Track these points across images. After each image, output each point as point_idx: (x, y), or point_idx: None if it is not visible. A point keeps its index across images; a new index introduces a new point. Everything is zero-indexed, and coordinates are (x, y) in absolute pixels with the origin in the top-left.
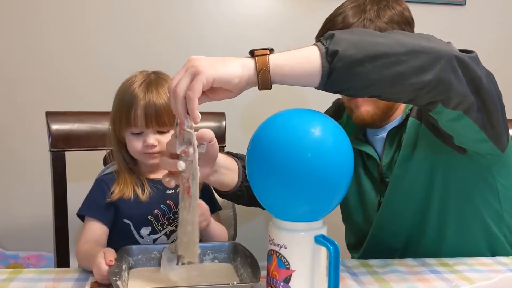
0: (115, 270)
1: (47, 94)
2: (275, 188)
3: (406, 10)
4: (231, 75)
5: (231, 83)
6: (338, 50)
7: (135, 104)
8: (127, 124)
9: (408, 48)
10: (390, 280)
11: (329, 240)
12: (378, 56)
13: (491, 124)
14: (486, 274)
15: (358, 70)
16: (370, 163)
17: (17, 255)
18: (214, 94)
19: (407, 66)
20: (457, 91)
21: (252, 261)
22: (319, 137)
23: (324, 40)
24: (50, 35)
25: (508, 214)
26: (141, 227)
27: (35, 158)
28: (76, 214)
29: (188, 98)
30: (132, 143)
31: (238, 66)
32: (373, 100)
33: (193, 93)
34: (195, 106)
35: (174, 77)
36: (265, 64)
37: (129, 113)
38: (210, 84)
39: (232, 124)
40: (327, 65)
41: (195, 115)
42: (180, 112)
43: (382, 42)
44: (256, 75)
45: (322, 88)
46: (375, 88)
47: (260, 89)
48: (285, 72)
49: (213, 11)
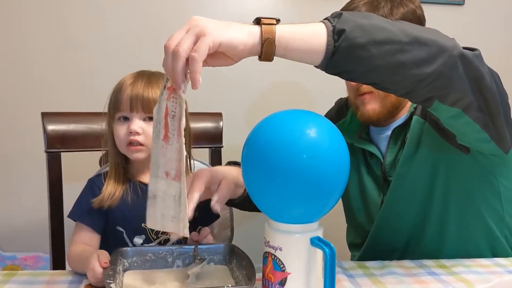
0: (109, 273)
1: (43, 95)
2: (270, 189)
3: (418, 8)
4: (238, 41)
5: (237, 49)
6: (345, 29)
7: (123, 88)
8: (115, 109)
9: (413, 39)
10: (387, 282)
11: (324, 242)
12: (383, 42)
13: (494, 124)
14: (484, 276)
15: (362, 53)
16: (373, 162)
17: (14, 256)
18: (213, 60)
19: (409, 56)
20: (456, 88)
21: (247, 263)
22: (315, 138)
23: (332, 18)
24: (46, 35)
25: (510, 215)
26: (135, 236)
27: (31, 159)
28: (67, 216)
29: (193, 60)
30: (118, 131)
31: (245, 33)
32: (380, 98)
33: (198, 55)
34: (199, 69)
35: (173, 36)
36: (271, 33)
37: (117, 97)
38: (216, 47)
39: (230, 125)
40: (332, 42)
41: (196, 79)
42: (179, 73)
43: (388, 29)
44: (261, 44)
45: (323, 67)
46: (375, 74)
47: (261, 60)
48: (290, 45)
49: (213, 12)
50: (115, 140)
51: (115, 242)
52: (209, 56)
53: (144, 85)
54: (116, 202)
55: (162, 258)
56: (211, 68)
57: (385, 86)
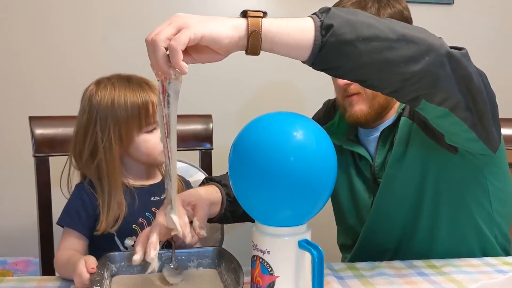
0: (96, 278)
1: (31, 99)
2: (257, 192)
3: (406, 9)
4: (222, 34)
5: (221, 43)
6: (333, 24)
7: (151, 99)
8: (147, 123)
9: (400, 36)
10: (377, 283)
11: (312, 245)
12: (370, 38)
13: (481, 123)
14: (474, 276)
15: (349, 49)
16: (362, 163)
17: (5, 261)
18: (199, 55)
19: (397, 54)
20: (443, 87)
21: (236, 267)
22: (302, 141)
23: (320, 14)
24: (34, 39)
25: (499, 215)
26: (126, 237)
27: (19, 163)
28: (56, 223)
29: (171, 49)
30: (151, 142)
31: (230, 27)
32: (368, 100)
33: (176, 43)
34: (179, 57)
35: (154, 29)
36: (257, 26)
37: (147, 110)
38: (198, 40)
39: (220, 126)
40: (320, 38)
41: (181, 66)
42: (161, 63)
43: (376, 26)
44: (247, 37)
45: (310, 63)
46: (362, 71)
47: (247, 53)
48: (276, 39)
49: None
50: (141, 151)
51: (105, 244)
52: (195, 51)
53: (150, 90)
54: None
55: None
56: (202, 70)
57: (372, 83)
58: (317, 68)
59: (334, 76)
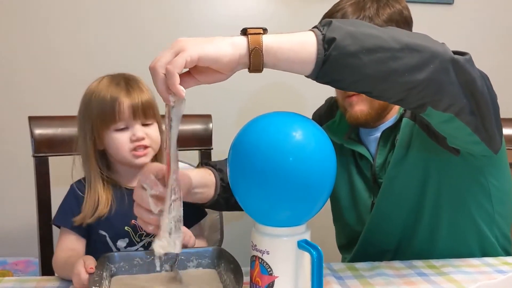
0: (95, 279)
1: (30, 99)
2: (256, 193)
3: (405, 9)
4: (218, 53)
5: (219, 62)
6: (335, 37)
7: (120, 98)
8: (111, 121)
9: (404, 45)
10: (377, 283)
11: (312, 245)
12: (374, 49)
13: (484, 126)
14: (474, 276)
15: (353, 61)
16: (363, 163)
17: (5, 261)
18: (202, 76)
19: (401, 63)
20: (448, 93)
21: (235, 267)
22: (301, 141)
23: (321, 27)
24: (33, 39)
25: (500, 216)
26: (118, 239)
27: (19, 164)
28: (52, 223)
29: (167, 72)
30: (118, 140)
31: (227, 45)
32: (368, 100)
33: (172, 67)
34: (175, 81)
35: (156, 57)
36: (258, 43)
37: (113, 108)
38: (195, 62)
39: (220, 126)
40: (323, 51)
41: (177, 90)
42: (160, 89)
43: (379, 36)
44: (248, 55)
45: (314, 77)
46: (367, 82)
47: (251, 71)
48: (278, 55)
49: (202, 14)
50: (112, 150)
51: (97, 246)
52: (198, 72)
53: (139, 90)
54: (104, 213)
55: (149, 262)
56: None
57: (377, 94)
58: (321, 82)
59: (339, 88)
